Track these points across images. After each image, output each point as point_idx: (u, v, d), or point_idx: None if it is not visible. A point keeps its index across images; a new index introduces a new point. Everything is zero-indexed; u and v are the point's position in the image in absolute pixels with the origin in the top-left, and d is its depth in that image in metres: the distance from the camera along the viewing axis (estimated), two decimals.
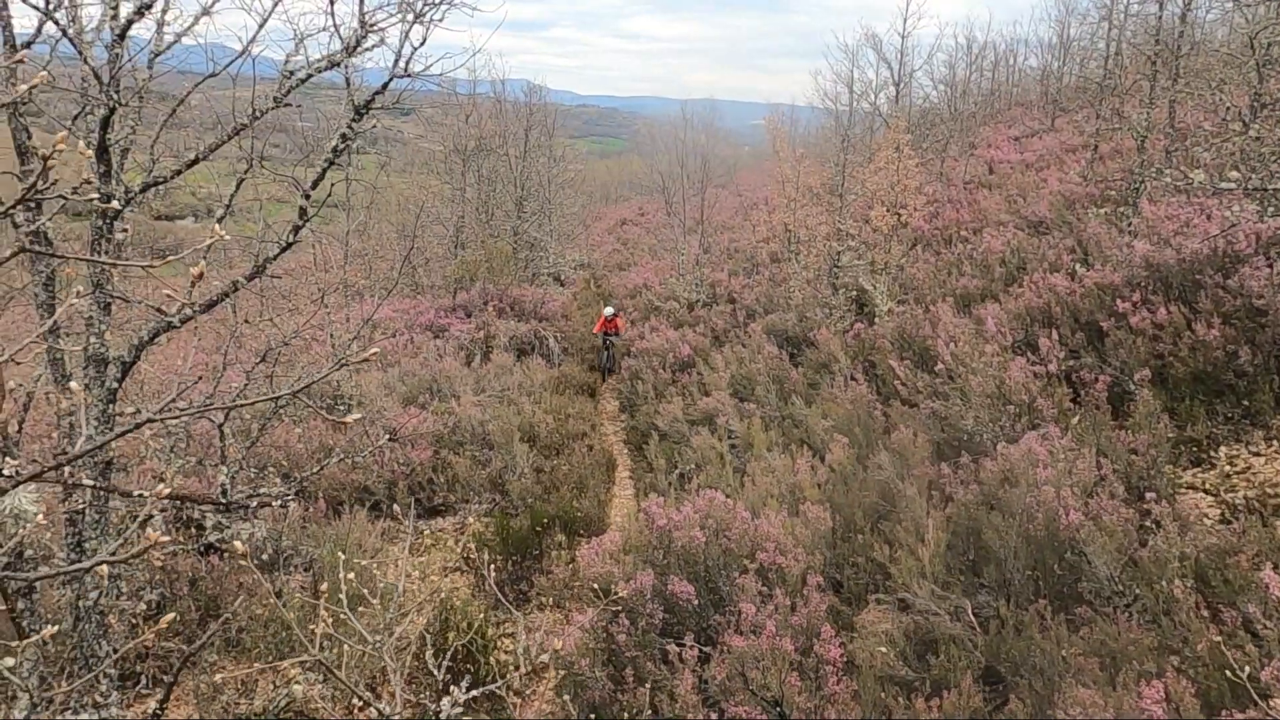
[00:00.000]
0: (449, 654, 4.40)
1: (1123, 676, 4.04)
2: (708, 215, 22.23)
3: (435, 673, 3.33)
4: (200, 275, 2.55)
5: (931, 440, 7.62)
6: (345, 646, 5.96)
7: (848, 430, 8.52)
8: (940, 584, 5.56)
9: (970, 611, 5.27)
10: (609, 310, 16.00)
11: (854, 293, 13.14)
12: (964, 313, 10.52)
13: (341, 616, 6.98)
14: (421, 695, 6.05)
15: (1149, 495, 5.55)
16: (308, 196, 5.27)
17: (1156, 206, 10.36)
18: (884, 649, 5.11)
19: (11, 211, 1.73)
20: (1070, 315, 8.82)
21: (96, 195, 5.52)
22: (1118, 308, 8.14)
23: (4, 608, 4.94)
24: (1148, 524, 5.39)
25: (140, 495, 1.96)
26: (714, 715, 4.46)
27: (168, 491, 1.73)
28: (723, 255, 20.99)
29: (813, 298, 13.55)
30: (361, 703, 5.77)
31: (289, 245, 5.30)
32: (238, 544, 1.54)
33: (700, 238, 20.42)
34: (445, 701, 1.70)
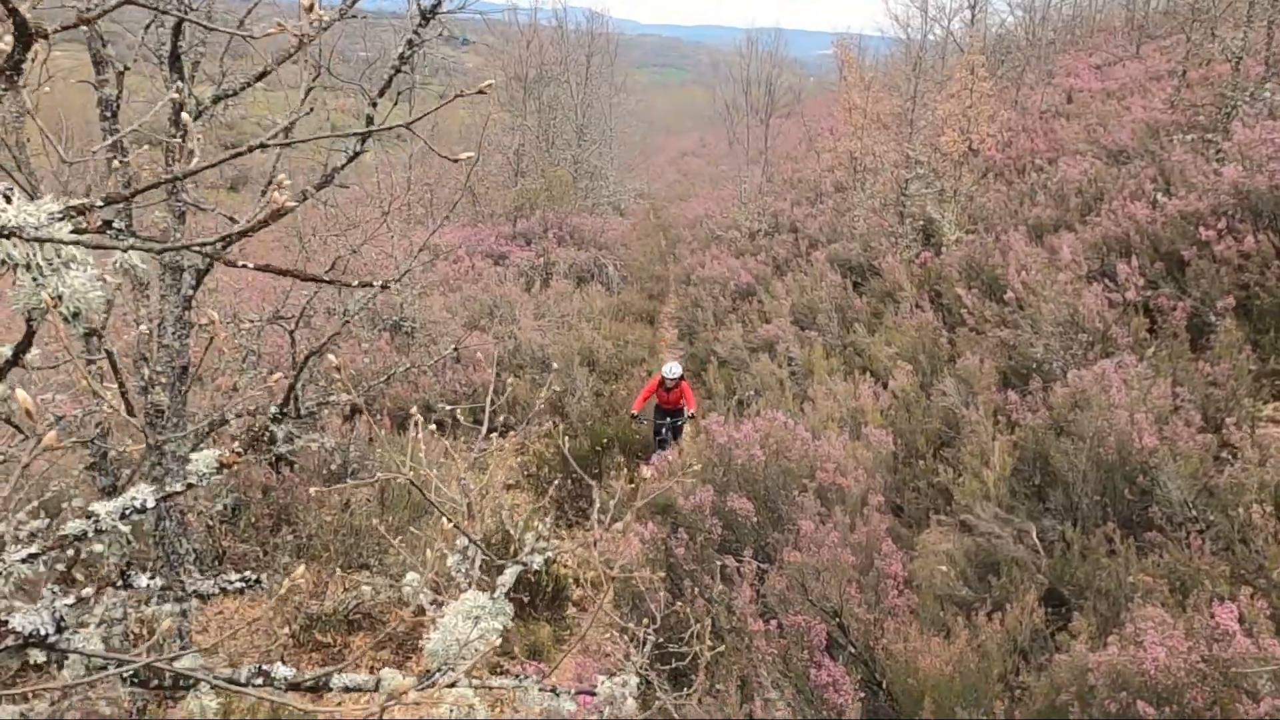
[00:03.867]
0: None
1: (1194, 599, 3.96)
2: (772, 145, 21.80)
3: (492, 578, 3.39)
4: (279, 208, 2.57)
5: (998, 368, 7.46)
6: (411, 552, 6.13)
7: (911, 357, 8.39)
8: (1004, 507, 5.49)
9: (1034, 535, 5.20)
10: (673, 370, 9.03)
11: (921, 222, 12.81)
12: (1036, 242, 10.19)
13: (399, 539, 7.18)
14: None
15: (1228, 423, 5.38)
16: (374, 105, 5.26)
17: (1249, 130, 9.84)
18: (944, 568, 5.08)
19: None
20: (1150, 244, 8.49)
21: (171, 101, 5.59)
22: (1201, 236, 7.81)
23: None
24: (1223, 455, 5.23)
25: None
26: (772, 626, 4.50)
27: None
28: (785, 185, 20.61)
29: (878, 226, 13.26)
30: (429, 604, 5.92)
31: (356, 155, 5.28)
32: (331, 358, 1.56)
33: (763, 167, 20.05)
34: (500, 579, 1.72)
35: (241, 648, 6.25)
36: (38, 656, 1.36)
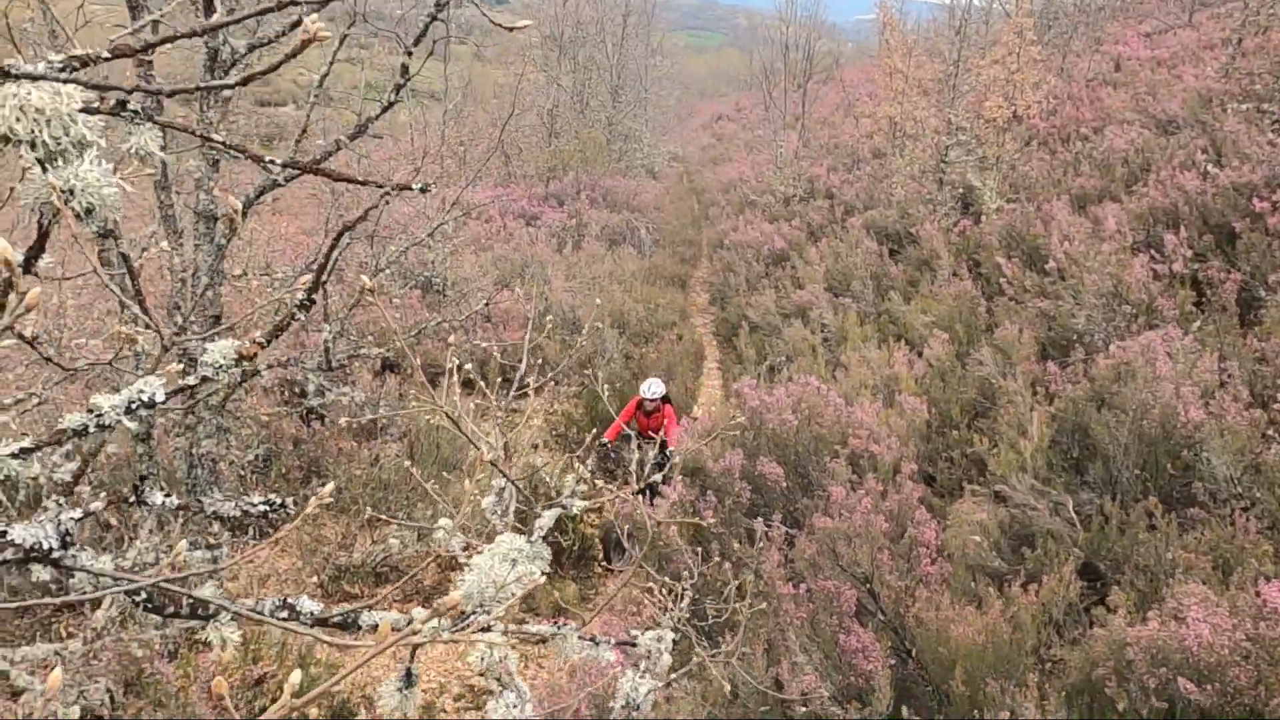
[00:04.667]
0: None
1: (1238, 576, 3.86)
2: (808, 110, 21.44)
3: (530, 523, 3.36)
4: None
5: (1037, 338, 7.30)
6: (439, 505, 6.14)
7: (948, 326, 8.24)
8: (1040, 479, 5.38)
9: (1070, 508, 5.09)
10: (653, 388, 7.57)
11: (960, 189, 12.55)
12: (1080, 212, 9.94)
13: (431, 481, 7.19)
14: None
15: (1278, 399, 5.22)
16: (410, 54, 5.18)
17: None
18: (977, 538, 5.00)
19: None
20: (1199, 215, 8.24)
21: (204, 49, 5.55)
22: (1254, 208, 7.56)
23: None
24: (1270, 433, 5.08)
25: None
26: (801, 590, 4.45)
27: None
28: (822, 150, 20.29)
29: (916, 194, 13.01)
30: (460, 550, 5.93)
31: (390, 105, 5.23)
32: (365, 279, 1.50)
33: (800, 132, 19.73)
34: (539, 521, 1.66)
35: (270, 595, 6.31)
36: (40, 573, 1.31)
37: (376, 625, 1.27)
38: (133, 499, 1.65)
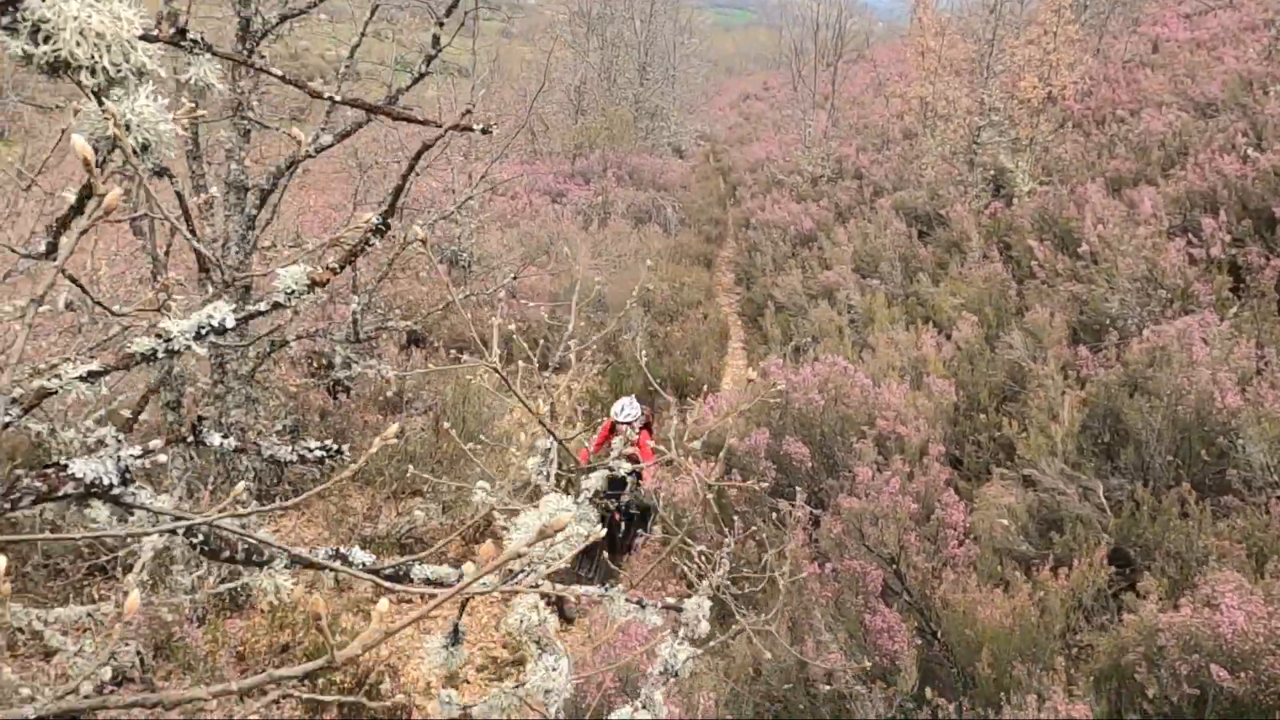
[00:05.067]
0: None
1: (1272, 565, 3.80)
2: (838, 89, 21.20)
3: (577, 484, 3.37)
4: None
5: (1069, 322, 7.20)
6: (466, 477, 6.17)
7: (977, 309, 8.15)
8: (1070, 464, 5.32)
9: (1100, 493, 5.04)
10: (626, 410, 6.53)
11: (992, 171, 12.38)
12: (1114, 195, 9.78)
13: (456, 456, 7.22)
14: None
15: None
16: (441, 25, 5.16)
17: None
18: (1005, 522, 4.96)
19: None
20: (1238, 200, 8.08)
21: (237, 18, 5.54)
22: None
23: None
24: None
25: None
26: (826, 570, 4.43)
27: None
28: (851, 130, 20.08)
29: (947, 175, 12.85)
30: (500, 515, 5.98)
31: (421, 76, 5.23)
32: (418, 229, 1.49)
33: (829, 111, 19.53)
34: (586, 482, 1.65)
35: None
36: (100, 510, 1.32)
37: (429, 578, 1.27)
38: (190, 439, 1.65)
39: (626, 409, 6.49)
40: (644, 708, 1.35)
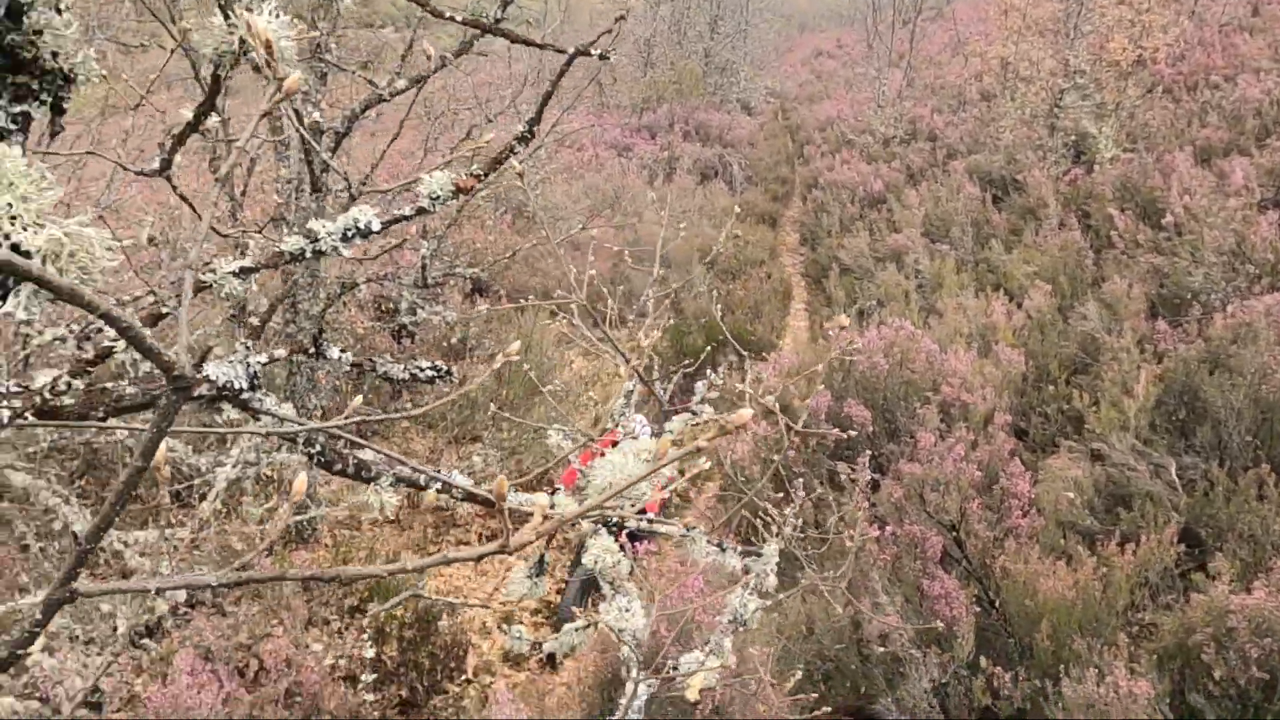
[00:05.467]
0: None
1: None
2: (915, 48, 20.60)
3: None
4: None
5: (1147, 295, 6.98)
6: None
7: (1051, 278, 7.93)
8: (1142, 440, 5.19)
9: (1172, 471, 4.91)
10: (638, 428, 5.46)
11: (1073, 137, 11.96)
12: (1203, 165, 9.39)
13: (517, 404, 7.31)
14: None
15: None
16: None
17: None
18: (1071, 495, 4.86)
19: None
20: None
21: None
22: None
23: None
24: None
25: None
26: (885, 533, 4.40)
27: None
28: (926, 91, 19.53)
29: (1025, 139, 12.45)
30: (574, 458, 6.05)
31: (499, 21, 5.19)
32: (514, 162, 1.50)
33: (905, 71, 19.02)
34: (669, 425, 1.65)
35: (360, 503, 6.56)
36: (230, 412, 1.36)
37: (520, 506, 1.29)
38: (312, 350, 1.70)
39: (637, 429, 5.37)
40: (713, 653, 1.36)
